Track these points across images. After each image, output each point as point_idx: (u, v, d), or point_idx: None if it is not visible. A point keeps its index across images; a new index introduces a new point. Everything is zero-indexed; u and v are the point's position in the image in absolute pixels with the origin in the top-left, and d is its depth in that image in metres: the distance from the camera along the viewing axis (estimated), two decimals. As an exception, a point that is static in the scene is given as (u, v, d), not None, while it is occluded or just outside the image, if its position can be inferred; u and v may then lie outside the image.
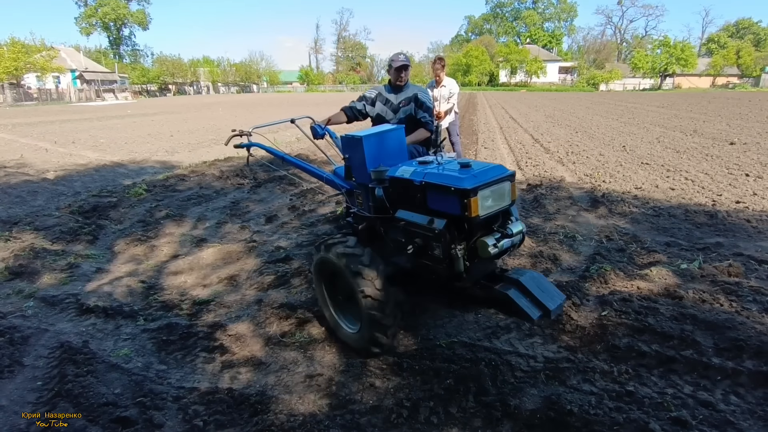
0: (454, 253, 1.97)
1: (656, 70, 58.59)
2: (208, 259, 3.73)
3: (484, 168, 2.02)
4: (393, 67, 3.52)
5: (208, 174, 7.02)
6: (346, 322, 2.37)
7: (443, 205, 2.00)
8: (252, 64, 73.76)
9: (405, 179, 2.16)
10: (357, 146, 2.47)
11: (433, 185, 2.02)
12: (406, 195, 2.17)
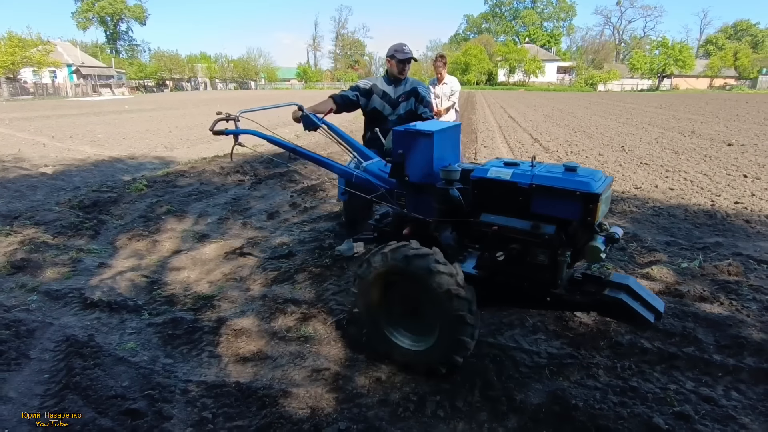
0: (560, 259, 1.89)
1: (654, 71, 58.81)
2: (211, 254, 3.74)
3: (593, 172, 1.91)
4: (398, 58, 3.31)
5: (208, 170, 7.01)
6: (407, 340, 2.10)
7: (558, 210, 1.87)
8: (250, 61, 73.54)
9: (502, 181, 1.97)
10: (422, 142, 2.22)
11: (547, 188, 1.87)
12: (499, 198, 2.00)
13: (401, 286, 2.04)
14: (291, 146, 2.76)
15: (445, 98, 6.16)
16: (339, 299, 2.84)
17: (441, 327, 1.92)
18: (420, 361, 2.04)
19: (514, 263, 1.96)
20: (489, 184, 2.02)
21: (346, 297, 2.87)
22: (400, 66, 3.33)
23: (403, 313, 2.10)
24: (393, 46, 3.38)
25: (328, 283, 3.06)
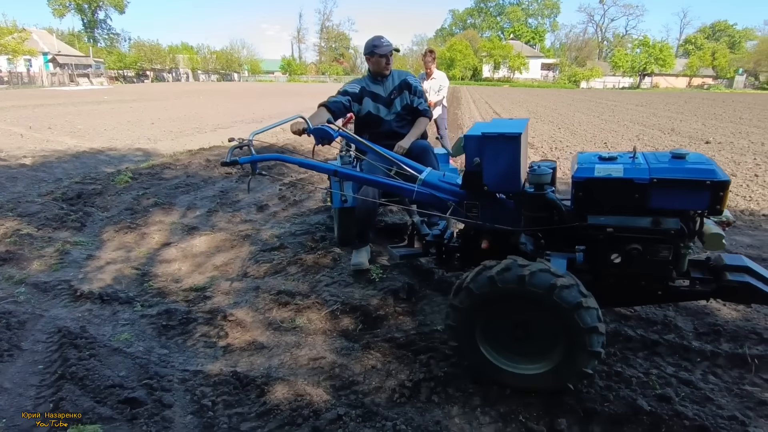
0: (683, 252, 1.83)
1: (635, 69, 59.93)
2: (201, 246, 3.73)
3: (706, 158, 1.84)
4: (377, 53, 3.07)
5: (194, 163, 6.95)
6: (524, 364, 1.91)
7: (683, 202, 1.78)
8: (233, 52, 72.46)
9: (614, 179, 1.83)
10: (506, 146, 2.00)
11: (670, 181, 1.76)
12: (611, 197, 1.87)
13: (508, 308, 1.85)
14: (331, 168, 2.47)
15: (433, 93, 6.21)
16: (332, 290, 2.87)
17: (568, 342, 1.76)
18: (543, 383, 1.88)
19: (631, 263, 1.86)
20: (598, 184, 1.86)
21: (339, 288, 2.91)
22: (382, 61, 3.11)
23: (510, 337, 1.90)
24: (369, 42, 3.13)
25: (320, 274, 3.09)
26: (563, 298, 1.68)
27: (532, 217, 2.07)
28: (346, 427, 1.71)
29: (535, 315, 1.81)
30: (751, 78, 61.24)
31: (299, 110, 17.49)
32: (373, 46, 3.10)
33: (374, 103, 3.20)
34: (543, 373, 1.86)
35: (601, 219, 1.89)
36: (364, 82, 3.23)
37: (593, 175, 1.87)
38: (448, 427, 1.77)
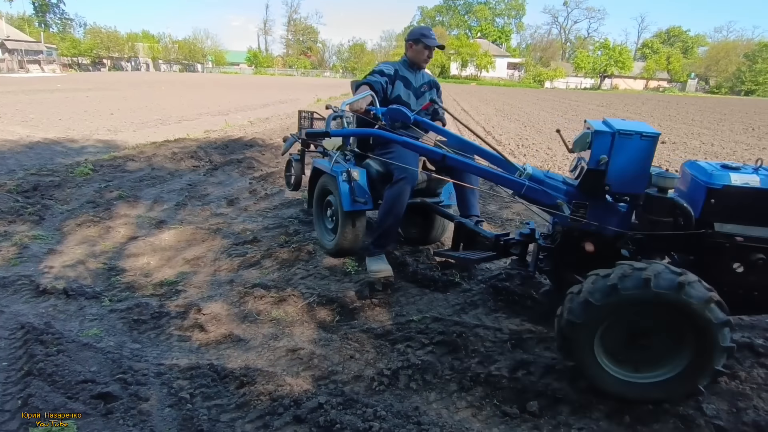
0: None
1: (596, 70, 62.10)
2: (170, 240, 3.64)
3: None
4: (424, 42, 2.97)
5: (159, 155, 6.72)
6: (643, 373, 1.85)
7: None
8: (196, 42, 70.20)
9: (751, 189, 1.82)
10: (640, 145, 1.94)
11: None
12: (745, 206, 1.84)
13: (628, 315, 1.78)
14: (439, 152, 2.29)
15: None
16: (308, 283, 2.88)
17: (698, 341, 1.71)
18: (673, 389, 1.82)
19: (754, 273, 1.84)
20: (732, 193, 1.83)
21: (315, 281, 2.92)
22: (425, 52, 3.00)
23: (631, 346, 1.83)
24: (419, 30, 3.03)
25: (296, 268, 3.08)
26: (692, 295, 1.63)
27: (654, 220, 2.00)
28: (327, 414, 1.73)
29: (658, 319, 1.76)
30: (702, 82, 64.73)
31: (265, 102, 17.06)
32: (422, 35, 2.99)
33: (406, 90, 3.05)
34: (670, 378, 1.80)
35: (729, 227, 1.86)
36: (398, 66, 3.07)
37: (729, 183, 1.85)
38: (426, 412, 1.82)
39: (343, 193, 2.82)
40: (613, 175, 2.00)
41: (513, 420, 1.83)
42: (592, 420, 1.82)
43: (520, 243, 2.47)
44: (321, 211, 3.38)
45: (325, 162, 3.13)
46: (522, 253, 2.47)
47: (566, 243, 2.23)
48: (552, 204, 2.15)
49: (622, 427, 1.79)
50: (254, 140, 8.37)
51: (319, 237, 3.38)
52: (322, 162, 3.22)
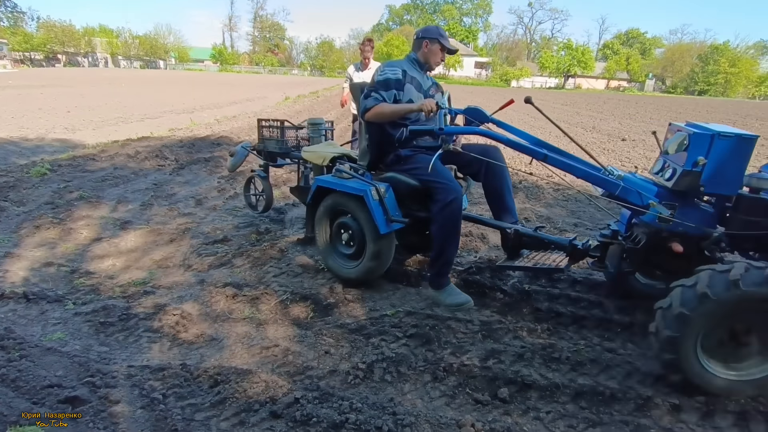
0: None
1: (560, 70, 63.88)
2: (137, 241, 3.54)
3: None
4: (441, 44, 2.71)
5: (121, 154, 6.51)
6: (746, 370, 1.89)
7: None
8: (158, 38, 68.01)
9: None
10: (740, 147, 2.00)
11: None
12: None
13: (735, 312, 1.81)
14: (541, 152, 2.28)
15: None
16: (281, 281, 2.87)
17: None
18: None
19: None
20: None
21: (287, 279, 2.91)
22: (441, 54, 2.75)
23: (732, 343, 1.89)
24: (436, 29, 2.77)
25: (268, 266, 3.06)
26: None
27: (747, 220, 2.03)
28: (304, 409, 1.74)
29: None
30: (659, 82, 67.61)
31: (232, 100, 16.70)
32: (440, 35, 2.73)
33: (417, 93, 2.71)
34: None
35: None
36: (405, 66, 2.73)
37: None
38: (401, 402, 1.86)
39: (377, 213, 2.52)
40: (708, 176, 2.04)
41: (485, 407, 1.89)
42: (559, 404, 1.91)
43: (601, 245, 2.45)
44: (330, 236, 2.89)
45: (337, 179, 2.71)
46: (602, 255, 2.46)
47: (653, 243, 2.25)
48: (644, 205, 2.15)
49: (586, 411, 1.88)
50: (222, 138, 8.21)
51: (332, 266, 2.88)
52: (330, 179, 2.75)
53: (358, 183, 2.61)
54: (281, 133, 3.64)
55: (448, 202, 2.43)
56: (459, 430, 1.69)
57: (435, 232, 2.52)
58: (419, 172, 2.56)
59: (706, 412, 1.86)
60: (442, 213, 2.46)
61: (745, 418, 1.82)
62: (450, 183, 2.47)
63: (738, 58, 61.11)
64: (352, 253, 2.80)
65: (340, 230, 2.82)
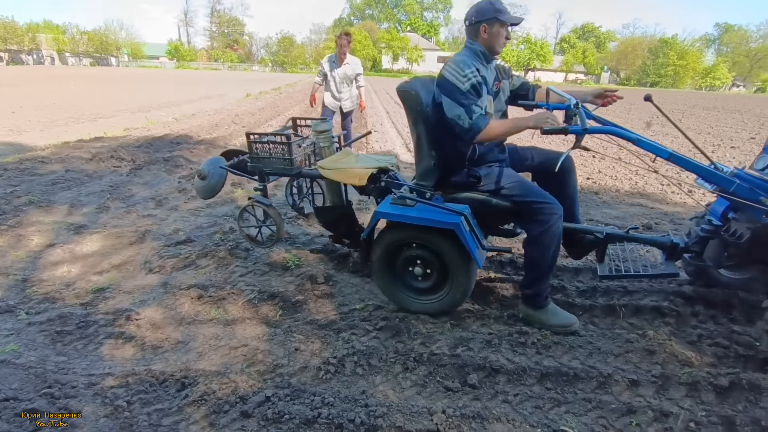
0: None
1: (521, 64, 65.33)
2: (93, 246, 3.40)
3: None
4: (502, 21, 2.20)
5: (74, 156, 6.20)
6: None
7: None
8: (108, 33, 64.99)
9: None
10: None
11: None
12: None
13: None
14: (668, 151, 2.16)
15: (346, 80, 5.86)
16: (248, 280, 2.82)
17: None
18: None
19: None
20: None
21: (255, 277, 2.87)
22: (505, 34, 2.25)
23: None
24: (486, 6, 2.20)
25: (234, 265, 3.01)
26: None
27: None
28: (275, 407, 1.73)
29: None
30: (614, 74, 70.29)
31: (190, 98, 16.15)
32: (497, 11, 2.19)
33: (488, 97, 2.30)
34: None
35: None
36: (476, 63, 2.23)
37: None
38: (373, 394, 1.88)
39: (471, 246, 2.19)
40: None
41: (455, 393, 1.93)
42: (526, 386, 1.97)
43: (702, 240, 2.45)
44: (395, 271, 2.49)
45: (406, 209, 2.28)
46: (701, 250, 2.47)
47: (760, 238, 2.28)
48: (755, 200, 2.13)
49: (552, 391, 1.95)
50: (181, 137, 7.96)
51: (399, 301, 2.50)
52: (400, 212, 2.28)
53: (439, 213, 2.21)
54: (289, 149, 2.80)
55: (554, 222, 2.19)
56: (431, 418, 1.72)
57: (534, 252, 2.26)
58: (510, 191, 2.27)
59: (661, 385, 1.97)
60: (546, 234, 2.19)
61: (697, 389, 1.94)
62: (552, 202, 2.21)
63: (685, 51, 64.27)
64: (427, 287, 2.45)
65: (412, 263, 2.43)
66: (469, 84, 2.15)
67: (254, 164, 2.92)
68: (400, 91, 2.28)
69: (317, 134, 2.93)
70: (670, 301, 2.65)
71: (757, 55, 67.84)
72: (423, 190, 2.36)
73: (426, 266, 2.40)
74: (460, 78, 2.15)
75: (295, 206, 3.43)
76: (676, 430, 1.75)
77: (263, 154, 2.87)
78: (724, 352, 2.19)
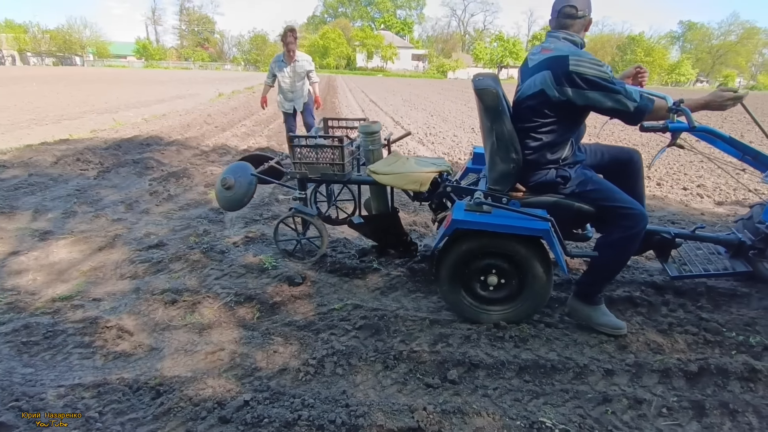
0: None
1: (494, 61, 66.20)
2: (60, 253, 3.27)
3: None
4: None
5: (38, 159, 5.96)
6: None
7: None
8: (72, 32, 62.76)
9: None
10: None
11: None
12: None
13: None
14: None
15: (297, 78, 5.76)
16: (224, 283, 2.77)
17: None
18: None
19: None
20: None
21: (230, 280, 2.82)
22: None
23: None
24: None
25: (209, 269, 2.94)
26: None
27: None
28: (254, 410, 1.70)
29: None
30: (583, 71, 71.83)
31: (160, 98, 15.76)
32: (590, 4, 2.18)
33: None
34: None
35: None
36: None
37: None
38: (353, 394, 1.87)
39: (559, 254, 2.11)
40: None
41: (435, 390, 1.94)
42: (505, 379, 2.00)
43: (765, 238, 2.48)
44: (463, 281, 2.35)
45: (486, 217, 2.14)
46: (765, 248, 2.49)
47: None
48: None
49: (530, 383, 1.98)
50: (151, 138, 7.75)
51: (465, 313, 2.38)
52: (481, 219, 2.13)
53: (523, 219, 2.10)
54: (341, 154, 2.63)
55: (639, 229, 2.12)
56: (411, 415, 1.72)
57: (609, 254, 2.19)
58: (597, 195, 2.18)
59: (635, 373, 2.02)
60: (629, 240, 2.13)
61: (668, 376, 2.00)
62: (640, 210, 2.13)
63: (652, 48, 66.27)
64: (498, 298, 2.34)
65: (479, 275, 2.31)
66: (610, 71, 2.06)
67: (298, 170, 2.75)
68: (479, 89, 2.14)
69: (366, 136, 2.72)
70: (641, 291, 2.73)
71: (719, 52, 70.56)
72: (498, 195, 2.24)
73: (502, 275, 2.28)
74: (599, 69, 2.03)
75: (320, 215, 3.21)
76: (650, 416, 1.81)
77: (308, 159, 2.70)
78: (693, 339, 2.27)
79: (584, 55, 2.07)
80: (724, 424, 1.77)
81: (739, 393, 1.92)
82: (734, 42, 70.13)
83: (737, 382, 1.96)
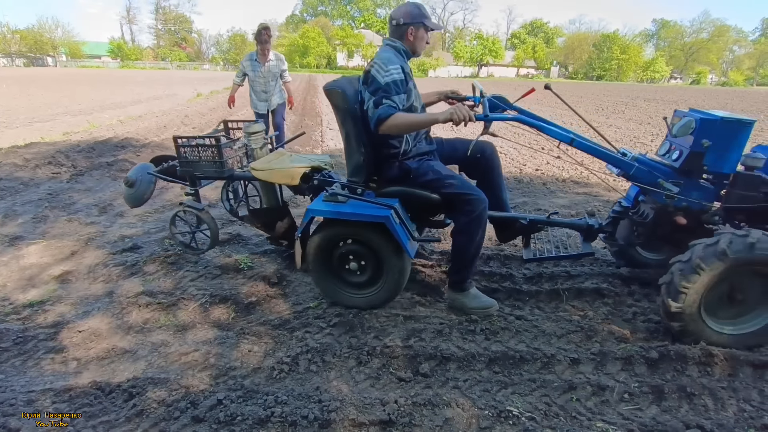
0: None
1: (474, 59, 66.73)
2: (30, 258, 3.21)
3: None
4: (426, 26, 2.40)
5: (6, 163, 5.83)
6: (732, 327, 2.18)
7: None
8: (43, 32, 61.05)
9: None
10: (740, 131, 2.24)
11: None
12: None
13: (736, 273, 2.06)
14: (569, 136, 2.28)
15: (271, 77, 5.62)
16: (199, 284, 2.77)
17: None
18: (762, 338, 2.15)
19: None
20: None
21: (206, 281, 2.82)
22: (428, 37, 2.44)
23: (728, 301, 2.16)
24: (413, 10, 2.36)
25: (184, 270, 2.94)
26: None
27: (743, 195, 2.29)
28: (227, 409, 1.72)
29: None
30: (563, 69, 73.01)
31: (136, 99, 15.45)
32: (423, 16, 2.36)
33: (415, 90, 2.47)
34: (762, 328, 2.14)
35: None
36: (401, 61, 2.35)
37: None
38: (327, 390, 1.90)
39: (402, 238, 2.27)
40: (710, 156, 2.28)
41: (408, 383, 1.99)
42: (475, 371, 2.05)
43: (613, 221, 2.71)
44: (330, 268, 2.50)
45: (336, 206, 2.33)
46: (613, 231, 2.73)
47: (661, 218, 2.48)
48: (654, 183, 2.35)
49: (499, 374, 2.04)
50: (127, 140, 7.63)
51: (337, 298, 2.53)
52: (330, 208, 2.33)
53: (370, 208, 2.29)
54: (219, 152, 2.76)
55: (480, 212, 2.31)
56: (383, 408, 1.76)
57: (461, 240, 2.38)
58: (439, 184, 2.36)
59: (600, 361, 2.10)
60: (473, 223, 2.32)
61: (631, 362, 2.09)
62: (478, 194, 2.32)
63: (627, 45, 67.58)
64: (363, 281, 2.49)
65: (346, 259, 2.46)
66: (389, 79, 2.22)
67: (184, 168, 2.86)
68: (327, 90, 2.32)
69: (248, 135, 2.92)
70: (609, 283, 2.82)
71: (692, 49, 72.42)
72: (354, 186, 2.40)
73: (361, 261, 2.45)
74: (382, 73, 2.24)
75: (232, 211, 3.35)
76: (612, 401, 1.88)
77: (192, 158, 2.82)
78: (655, 327, 2.37)
79: (384, 59, 2.29)
80: (682, 406, 1.86)
81: (697, 377, 2.01)
82: (706, 39, 72.11)
83: (695, 367, 2.05)
